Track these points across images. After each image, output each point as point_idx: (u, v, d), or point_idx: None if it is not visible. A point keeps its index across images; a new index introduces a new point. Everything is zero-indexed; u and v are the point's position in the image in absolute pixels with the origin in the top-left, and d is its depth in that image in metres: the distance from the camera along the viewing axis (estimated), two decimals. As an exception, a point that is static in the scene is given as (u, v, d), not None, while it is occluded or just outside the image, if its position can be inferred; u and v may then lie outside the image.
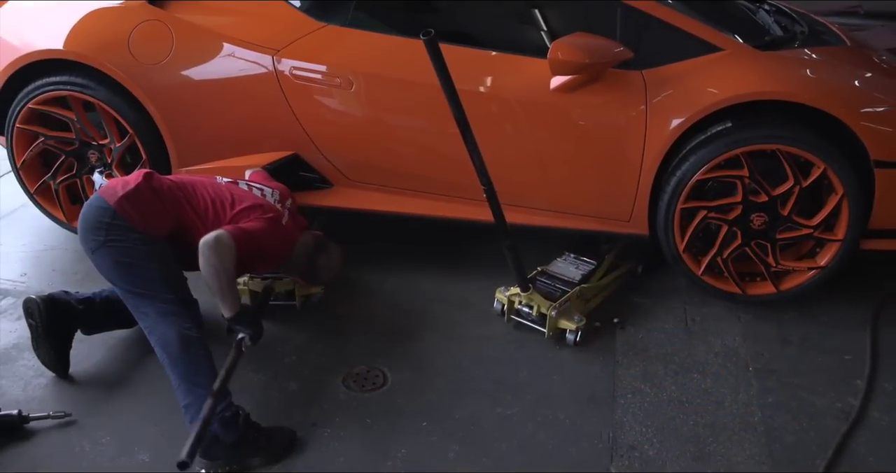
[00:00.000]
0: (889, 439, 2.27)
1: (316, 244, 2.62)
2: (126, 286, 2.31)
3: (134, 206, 2.27)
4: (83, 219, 2.34)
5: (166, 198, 2.37)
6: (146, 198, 2.31)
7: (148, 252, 2.30)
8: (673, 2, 2.98)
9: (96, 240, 2.28)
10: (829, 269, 2.73)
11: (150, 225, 2.31)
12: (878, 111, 2.65)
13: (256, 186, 2.62)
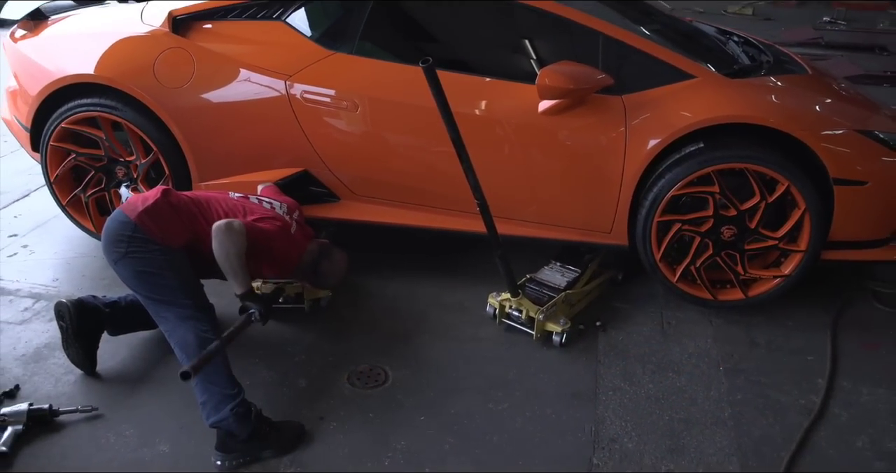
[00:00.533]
0: (848, 433, 2.28)
1: (321, 251, 2.62)
2: (147, 293, 2.32)
3: (153, 220, 2.29)
4: (106, 232, 2.35)
5: (183, 213, 2.38)
6: (164, 212, 2.33)
7: (166, 262, 2.31)
8: (650, 33, 3.00)
9: (118, 252, 2.30)
10: (792, 277, 2.74)
11: (168, 237, 2.31)
12: (836, 134, 2.67)
13: (266, 200, 2.63)
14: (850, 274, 3.10)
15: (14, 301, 2.96)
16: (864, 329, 2.82)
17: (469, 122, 2.61)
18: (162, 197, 2.35)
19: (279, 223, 2.49)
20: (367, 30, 3.00)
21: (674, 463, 2.15)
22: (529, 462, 2.15)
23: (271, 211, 2.55)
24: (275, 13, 3.06)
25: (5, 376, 2.49)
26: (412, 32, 3.26)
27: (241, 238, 2.29)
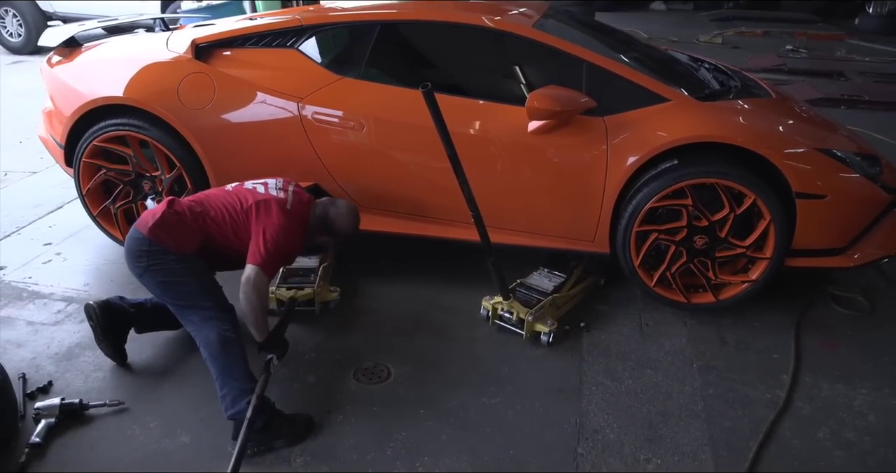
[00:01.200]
0: (810, 425, 2.28)
1: (324, 206, 2.60)
2: (172, 301, 2.34)
3: (164, 232, 2.28)
4: (126, 250, 2.36)
5: (188, 217, 2.36)
6: (172, 222, 2.32)
7: (185, 269, 2.32)
8: (629, 60, 3.02)
9: (140, 267, 2.31)
10: (759, 282, 2.74)
11: (182, 244, 2.31)
12: (798, 152, 2.68)
13: (259, 183, 2.55)
14: (811, 280, 3.10)
15: (48, 303, 2.95)
16: (824, 329, 2.81)
17: (464, 141, 2.62)
18: (167, 207, 2.34)
19: (274, 206, 2.41)
20: (371, 57, 3.02)
21: (651, 453, 2.15)
22: (519, 452, 2.15)
23: (264, 193, 2.48)
24: (288, 42, 3.07)
25: (40, 373, 2.48)
26: (413, 59, 3.28)
27: (266, 285, 2.31)
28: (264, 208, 2.40)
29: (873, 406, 2.37)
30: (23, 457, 2.05)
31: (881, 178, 2.79)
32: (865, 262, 2.76)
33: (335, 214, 2.58)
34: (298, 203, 2.52)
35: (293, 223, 2.44)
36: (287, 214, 2.42)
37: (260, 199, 2.43)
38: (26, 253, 3.42)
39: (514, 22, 2.96)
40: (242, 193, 2.48)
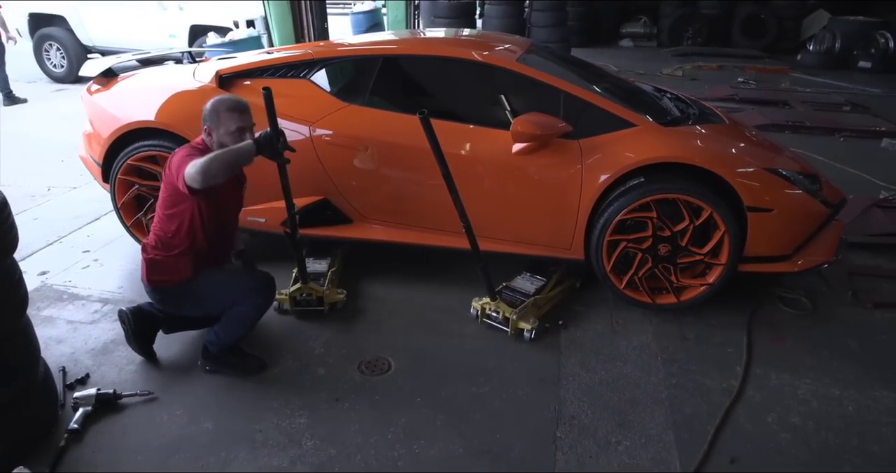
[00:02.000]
0: (760, 410, 2.29)
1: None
2: (211, 312, 2.40)
3: (158, 275, 2.31)
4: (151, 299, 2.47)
5: (161, 250, 2.30)
6: (156, 262, 2.30)
7: (196, 288, 2.33)
8: (601, 90, 3.05)
9: (169, 310, 2.45)
10: (715, 285, 2.77)
11: (176, 271, 2.31)
12: (749, 171, 2.70)
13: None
14: (761, 283, 3.12)
15: (86, 304, 2.94)
16: (772, 326, 2.83)
17: (457, 161, 2.63)
18: (143, 252, 2.33)
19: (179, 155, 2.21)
20: (375, 87, 3.04)
21: (622, 435, 2.15)
22: (505, 435, 2.15)
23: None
24: (301, 73, 3.09)
25: (78, 366, 2.47)
26: (411, 89, 3.30)
27: (208, 160, 2.02)
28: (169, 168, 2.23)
29: (816, 394, 2.38)
30: (62, 442, 2.04)
31: (821, 194, 2.83)
32: (808, 268, 2.79)
33: (215, 110, 2.26)
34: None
35: (182, 148, 2.28)
36: (189, 147, 2.28)
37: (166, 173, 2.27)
38: (67, 259, 3.41)
39: (501, 56, 2.99)
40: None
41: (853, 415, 2.27)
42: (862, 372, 2.51)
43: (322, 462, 2.01)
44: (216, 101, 2.29)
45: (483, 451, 2.08)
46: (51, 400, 2.16)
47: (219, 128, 2.25)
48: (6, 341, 1.90)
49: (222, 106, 2.26)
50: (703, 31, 11.40)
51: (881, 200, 4.17)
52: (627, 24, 12.15)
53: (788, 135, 5.81)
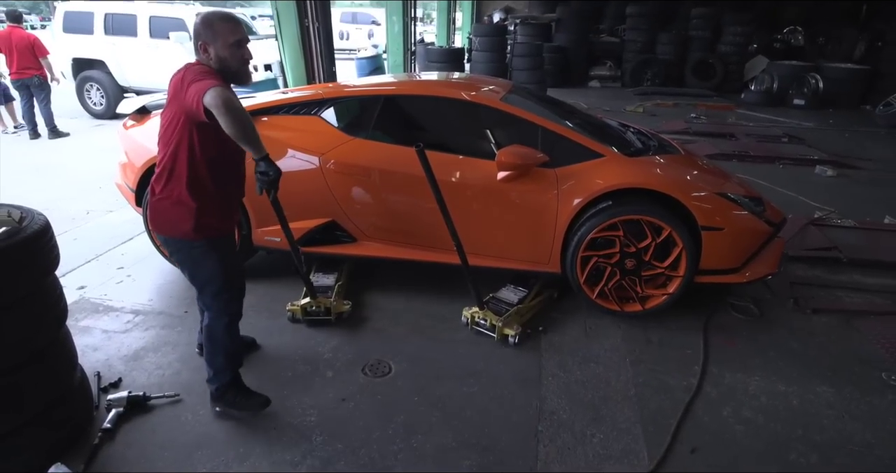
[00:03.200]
0: (717, 405, 2.29)
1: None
2: (190, 280, 2.07)
3: (161, 221, 1.95)
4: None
5: (162, 193, 1.92)
6: (159, 208, 1.93)
7: (193, 251, 1.98)
8: (573, 125, 3.07)
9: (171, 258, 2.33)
10: (675, 295, 2.78)
11: (177, 223, 1.92)
12: (702, 195, 2.73)
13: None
14: (714, 292, 3.13)
15: (119, 315, 2.90)
16: (725, 330, 2.84)
17: (448, 187, 2.64)
18: (150, 195, 1.95)
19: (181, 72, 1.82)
20: (377, 122, 3.05)
21: (596, 429, 2.14)
22: (493, 430, 2.13)
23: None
24: (312, 110, 3.09)
25: (112, 371, 2.43)
26: (409, 124, 3.32)
27: (233, 99, 1.68)
28: (178, 84, 1.79)
29: (764, 390, 2.38)
30: (96, 440, 1.99)
31: (764, 215, 2.86)
32: (755, 279, 2.81)
33: (207, 24, 1.84)
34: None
35: (189, 64, 1.86)
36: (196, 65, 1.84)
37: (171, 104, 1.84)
38: (103, 275, 3.37)
39: (486, 96, 3.01)
40: (164, 119, 1.88)
41: (797, 408, 2.27)
42: (804, 370, 2.52)
43: (329, 456, 1.98)
44: (207, 14, 1.85)
45: (473, 444, 2.05)
46: (86, 403, 2.12)
47: (216, 40, 1.81)
48: (47, 349, 1.87)
49: (215, 17, 1.84)
50: (660, 74, 11.58)
51: (816, 219, 4.22)
52: (595, 68, 12.31)
53: (735, 163, 5.89)
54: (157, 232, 1.98)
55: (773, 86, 9.95)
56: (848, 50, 11.06)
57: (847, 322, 2.92)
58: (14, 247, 1.69)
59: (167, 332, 2.72)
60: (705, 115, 8.63)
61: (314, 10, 5.53)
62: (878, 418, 2.23)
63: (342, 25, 19.75)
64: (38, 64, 6.76)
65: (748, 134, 7.29)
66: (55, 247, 1.90)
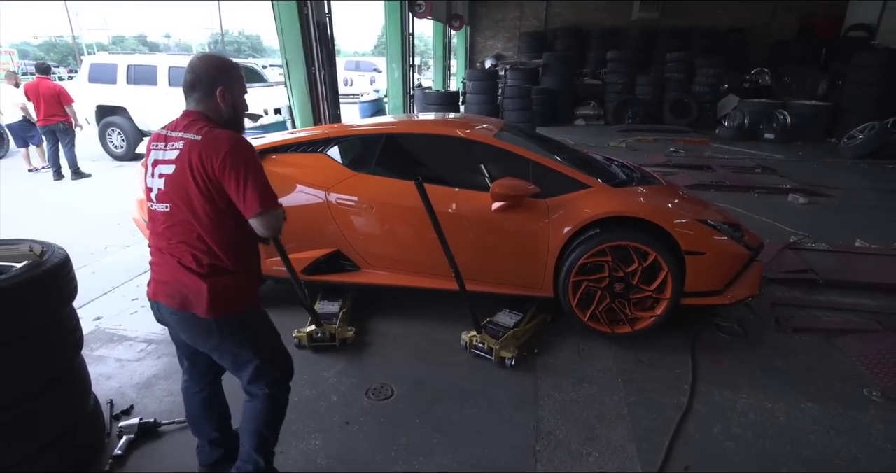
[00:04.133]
0: (707, 422, 2.24)
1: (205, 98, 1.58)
2: (241, 361, 1.68)
3: (221, 301, 1.56)
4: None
5: (228, 255, 1.56)
6: (221, 284, 1.56)
7: (250, 321, 1.65)
8: (561, 159, 3.11)
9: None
10: (662, 317, 2.75)
11: (246, 294, 1.62)
12: (684, 222, 2.74)
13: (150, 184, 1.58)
14: (700, 313, 3.11)
15: (133, 345, 2.86)
16: (712, 350, 2.80)
17: (446, 218, 2.65)
18: (199, 278, 1.52)
19: (208, 137, 1.48)
20: (379, 158, 3.09)
21: (591, 447, 2.09)
22: (492, 450, 2.08)
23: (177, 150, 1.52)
24: (318, 148, 3.14)
25: (124, 398, 2.38)
26: (409, 160, 3.35)
27: (280, 223, 1.55)
28: (209, 148, 1.45)
29: (752, 407, 2.34)
30: (107, 466, 1.94)
31: (743, 240, 2.86)
32: (737, 300, 2.78)
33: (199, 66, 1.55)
34: (201, 121, 1.54)
35: (236, 138, 1.50)
36: (218, 132, 1.50)
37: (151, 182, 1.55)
38: (118, 306, 3.34)
39: (480, 133, 3.06)
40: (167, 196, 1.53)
41: (784, 424, 2.23)
42: (788, 387, 2.48)
43: (335, 479, 1.92)
44: (216, 58, 1.58)
45: (473, 464, 2.00)
46: (98, 430, 2.07)
47: (234, 88, 1.57)
48: (63, 377, 1.84)
49: (229, 63, 1.58)
50: (640, 112, 11.80)
51: (791, 243, 4.24)
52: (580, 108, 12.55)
53: (713, 192, 5.94)
54: (219, 314, 1.53)
55: (744, 121, 10.13)
56: (811, 88, 11.32)
57: (827, 340, 2.90)
58: (35, 280, 1.69)
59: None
60: (683, 149, 8.75)
61: (321, 58, 5.68)
62: (862, 433, 2.18)
63: (346, 73, 20.22)
64: (64, 111, 6.91)
65: (724, 165, 7.36)
66: (73, 280, 1.89)
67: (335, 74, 6.03)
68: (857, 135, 8.36)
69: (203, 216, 1.50)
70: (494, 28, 16.53)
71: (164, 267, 1.59)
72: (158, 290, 1.61)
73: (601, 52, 13.49)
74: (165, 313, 1.63)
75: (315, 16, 5.52)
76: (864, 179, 6.73)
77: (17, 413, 1.67)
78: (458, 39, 16.46)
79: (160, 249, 1.60)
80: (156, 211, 1.58)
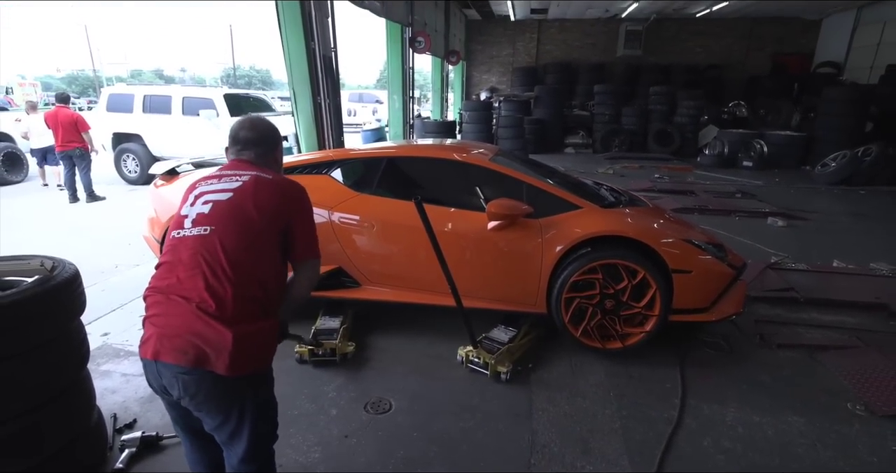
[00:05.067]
0: (697, 436, 2.19)
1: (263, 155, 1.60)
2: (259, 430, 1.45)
3: (245, 357, 1.34)
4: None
5: (260, 301, 1.38)
6: (246, 336, 1.33)
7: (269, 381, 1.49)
8: (554, 182, 3.12)
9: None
10: (652, 332, 2.72)
11: (267, 350, 1.43)
12: (670, 241, 2.74)
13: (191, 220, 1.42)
14: (688, 330, 3.08)
15: (138, 360, 2.77)
16: (700, 365, 2.76)
17: (443, 236, 2.66)
18: (224, 327, 1.29)
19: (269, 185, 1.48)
20: (380, 180, 3.09)
21: (585, 461, 2.03)
22: (488, 463, 2.02)
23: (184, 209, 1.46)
24: (323, 170, 3.15)
25: (127, 412, 2.32)
26: (408, 182, 3.37)
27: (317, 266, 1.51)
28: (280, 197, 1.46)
29: (740, 420, 2.29)
30: (108, 479, 1.87)
31: (727, 259, 2.86)
32: (722, 317, 2.76)
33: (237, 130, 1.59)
34: (263, 173, 1.51)
35: (294, 185, 1.55)
36: (283, 183, 1.51)
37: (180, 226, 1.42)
38: (126, 322, 3.28)
39: (476, 157, 3.08)
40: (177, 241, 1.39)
41: (772, 438, 2.18)
42: (774, 401, 2.44)
43: (333, 492, 1.86)
44: (271, 123, 1.62)
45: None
46: (100, 443, 2.00)
47: (279, 147, 1.63)
48: (67, 391, 1.79)
49: (271, 123, 1.63)
50: (626, 141, 11.97)
51: (772, 263, 4.24)
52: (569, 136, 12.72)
53: (696, 215, 5.96)
54: (240, 371, 1.30)
55: (724, 150, 10.27)
56: (786, 120, 11.53)
57: (810, 355, 2.86)
58: (45, 294, 1.66)
59: (183, 374, 2.62)
60: (667, 176, 8.83)
61: (326, 89, 5.77)
62: (848, 446, 2.14)
63: (350, 104, 20.51)
64: (81, 138, 6.99)
65: (706, 191, 7.42)
66: (82, 295, 1.86)
67: (339, 102, 6.12)
68: (830, 163, 8.47)
69: (252, 245, 1.36)
70: (489, 63, 16.90)
71: (172, 318, 1.29)
72: (162, 347, 1.28)
73: (589, 85, 13.80)
74: (168, 374, 1.29)
75: (322, 50, 5.63)
76: (839, 204, 6.78)
77: (21, 424, 1.62)
78: (455, 73, 16.78)
79: (167, 293, 1.32)
80: (185, 237, 1.37)
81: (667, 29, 15.28)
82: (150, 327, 1.32)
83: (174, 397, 1.34)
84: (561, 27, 15.94)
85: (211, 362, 1.27)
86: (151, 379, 1.36)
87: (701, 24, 15.02)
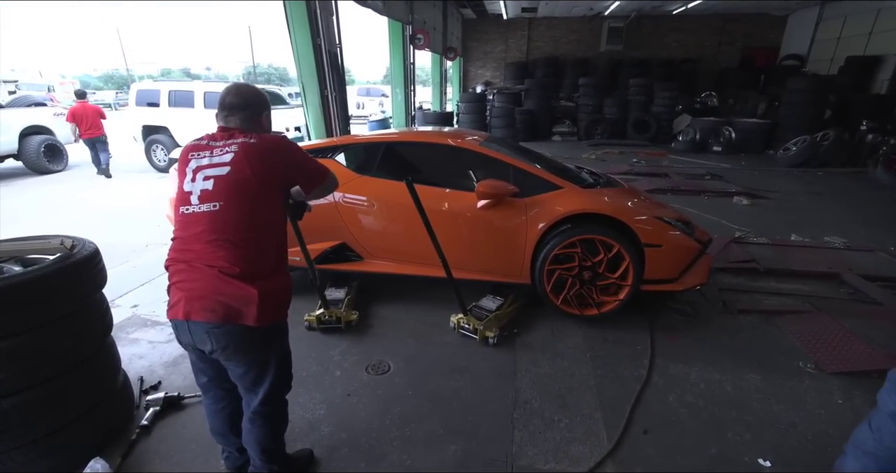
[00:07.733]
0: (663, 392, 2.16)
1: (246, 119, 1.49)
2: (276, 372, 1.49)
3: (270, 308, 1.36)
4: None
5: (273, 260, 1.39)
6: (270, 290, 1.36)
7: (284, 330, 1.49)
8: (539, 165, 3.03)
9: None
10: (625, 300, 2.67)
11: (285, 300, 1.44)
12: (643, 219, 2.66)
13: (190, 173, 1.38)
14: (658, 298, 3.04)
15: (164, 329, 2.77)
16: (668, 329, 2.73)
17: (438, 214, 2.60)
18: (247, 283, 1.30)
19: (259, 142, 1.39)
20: (380, 164, 3.01)
21: (562, 415, 2.01)
22: (476, 418, 1.99)
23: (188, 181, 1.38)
24: (328, 154, 3.07)
25: (153, 375, 2.29)
26: (406, 165, 3.28)
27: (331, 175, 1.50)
28: (264, 151, 1.37)
29: (703, 378, 2.26)
30: (134, 435, 1.86)
31: (694, 235, 2.78)
32: (689, 287, 2.70)
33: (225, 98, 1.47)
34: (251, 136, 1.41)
35: (286, 137, 1.54)
36: (267, 138, 1.42)
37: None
38: (154, 295, 3.23)
39: (468, 142, 2.99)
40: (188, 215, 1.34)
41: (731, 393, 2.15)
42: (734, 360, 2.41)
43: (335, 445, 1.84)
44: (257, 88, 1.51)
45: (458, 431, 1.92)
46: (127, 403, 1.98)
47: (270, 113, 1.55)
48: (92, 357, 1.75)
49: (266, 94, 1.53)
50: (608, 129, 11.73)
51: (736, 238, 4.16)
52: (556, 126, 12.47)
53: (669, 195, 5.86)
54: (267, 321, 1.33)
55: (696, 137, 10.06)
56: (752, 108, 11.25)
57: (767, 320, 2.82)
58: (65, 270, 1.60)
59: (203, 340, 2.59)
60: (644, 160, 8.68)
61: (332, 82, 5.59)
62: (798, 400, 2.11)
63: (359, 98, 20.12)
64: (101, 125, 7.58)
65: (678, 173, 7.29)
66: (103, 270, 1.80)
67: (345, 95, 5.95)
68: (792, 148, 8.29)
69: (258, 212, 1.33)
70: (484, 59, 16.48)
71: (197, 282, 1.28)
72: (192, 308, 1.28)
73: (574, 78, 13.48)
74: (200, 331, 1.30)
75: (327, 46, 5.43)
76: (797, 184, 6.66)
77: (50, 388, 1.58)
78: (452, 68, 16.38)
79: (189, 262, 1.30)
80: (195, 213, 1.31)
81: (646, 25, 14.82)
82: (176, 292, 1.33)
83: (206, 351, 1.35)
84: (549, 25, 15.48)
85: (241, 316, 1.30)
86: (182, 338, 1.37)
87: (677, 20, 14.58)
